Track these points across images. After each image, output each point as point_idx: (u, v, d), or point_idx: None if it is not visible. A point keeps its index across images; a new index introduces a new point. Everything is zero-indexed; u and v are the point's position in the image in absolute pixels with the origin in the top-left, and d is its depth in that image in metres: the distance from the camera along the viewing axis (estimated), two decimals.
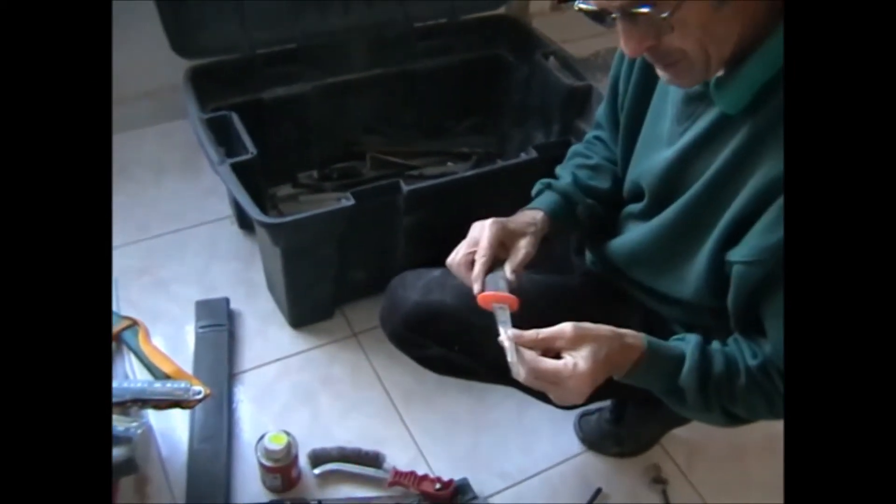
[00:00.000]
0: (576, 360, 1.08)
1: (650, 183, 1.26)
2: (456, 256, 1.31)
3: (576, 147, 1.51)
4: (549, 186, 1.42)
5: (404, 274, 1.50)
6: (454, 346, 1.42)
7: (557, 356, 1.10)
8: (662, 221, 1.23)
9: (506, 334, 1.10)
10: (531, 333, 1.11)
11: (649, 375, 1.16)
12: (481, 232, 1.30)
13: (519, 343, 1.10)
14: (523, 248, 1.31)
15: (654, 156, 1.24)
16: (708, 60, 1.01)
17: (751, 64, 1.02)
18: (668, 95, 1.21)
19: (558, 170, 1.47)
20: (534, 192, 1.44)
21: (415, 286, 1.44)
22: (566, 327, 1.10)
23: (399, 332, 1.46)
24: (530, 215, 1.37)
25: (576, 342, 1.09)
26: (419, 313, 1.41)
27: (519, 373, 1.08)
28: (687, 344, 1.17)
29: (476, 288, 1.24)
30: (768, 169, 1.02)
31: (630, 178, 1.34)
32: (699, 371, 1.14)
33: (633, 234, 1.32)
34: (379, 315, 1.51)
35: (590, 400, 1.58)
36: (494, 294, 1.20)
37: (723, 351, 1.16)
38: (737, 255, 1.08)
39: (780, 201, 1.00)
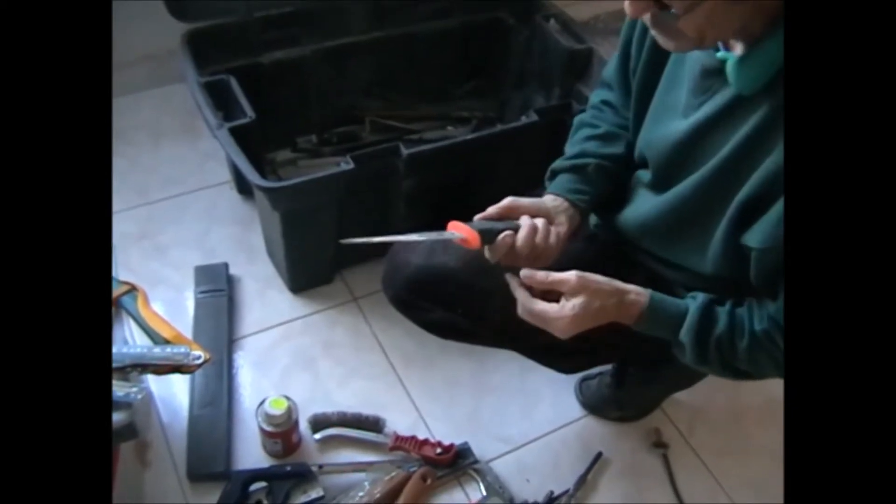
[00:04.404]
0: (564, 306, 1.16)
1: (662, 151, 1.24)
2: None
3: (581, 117, 1.47)
4: (553, 173, 1.40)
5: None
6: (457, 309, 1.41)
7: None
8: (676, 195, 1.22)
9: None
10: (542, 274, 1.18)
11: (650, 329, 1.21)
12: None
13: (529, 281, 1.18)
14: (563, 222, 1.30)
15: (668, 123, 1.23)
16: (703, 41, 1.01)
17: (768, 46, 1.01)
18: (686, 64, 1.19)
19: (567, 146, 1.45)
20: (547, 175, 1.42)
21: (417, 249, 1.43)
22: (571, 275, 1.16)
23: (402, 296, 1.46)
24: (560, 202, 1.34)
25: (576, 290, 1.16)
26: (422, 276, 1.41)
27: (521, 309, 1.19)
28: (693, 301, 1.19)
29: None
30: (781, 151, 1.02)
31: (640, 145, 1.33)
32: (698, 330, 1.17)
33: (645, 206, 1.31)
34: (381, 278, 1.50)
35: (591, 364, 1.59)
36: (459, 224, 1.22)
37: (730, 312, 1.17)
38: (753, 240, 1.08)
39: None
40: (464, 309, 1.41)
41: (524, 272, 1.19)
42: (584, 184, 1.36)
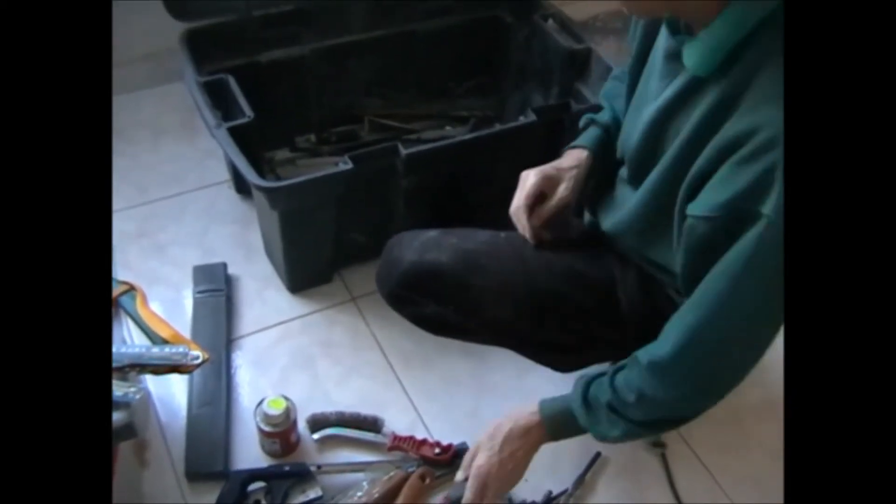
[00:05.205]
0: (476, 463, 1.34)
1: (633, 142, 1.26)
2: (514, 205, 1.43)
3: (606, 85, 1.53)
4: (592, 122, 1.47)
5: (401, 234, 1.51)
6: (449, 305, 1.42)
7: None
8: (646, 188, 1.23)
9: None
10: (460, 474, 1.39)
11: (567, 434, 1.34)
12: (525, 182, 1.43)
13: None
14: (559, 194, 1.42)
15: (641, 112, 1.24)
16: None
17: (716, 26, 1.02)
18: (658, 51, 1.21)
19: (602, 101, 1.49)
20: (581, 124, 1.49)
21: (411, 246, 1.45)
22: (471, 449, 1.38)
23: (395, 291, 1.48)
24: (575, 156, 1.45)
25: (473, 455, 1.35)
26: (415, 272, 1.43)
27: None
28: (575, 389, 1.29)
29: (528, 237, 1.43)
30: (731, 125, 1.02)
31: (620, 138, 1.34)
32: (587, 412, 1.27)
33: (624, 203, 1.32)
34: (375, 276, 1.51)
35: (586, 362, 1.59)
36: None
37: (610, 378, 1.25)
38: (692, 208, 1.09)
39: (735, 157, 1.01)
40: (455, 304, 1.43)
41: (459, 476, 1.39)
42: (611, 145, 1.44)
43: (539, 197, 1.43)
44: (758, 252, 1.00)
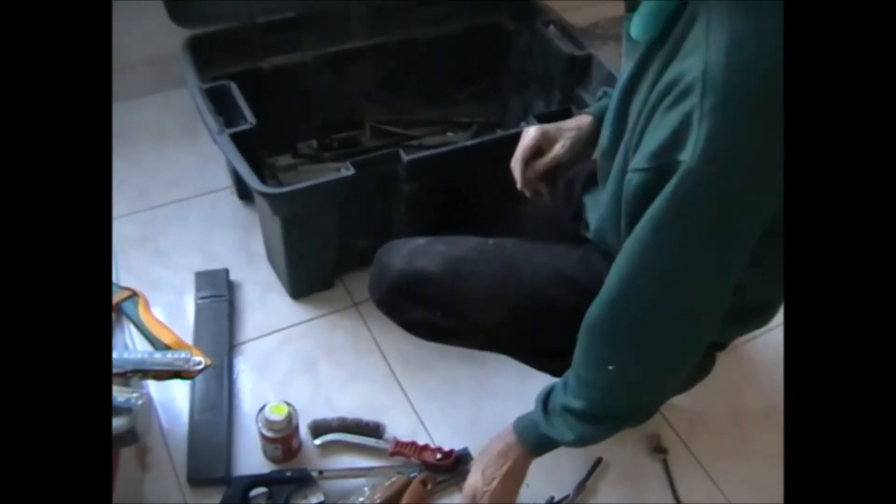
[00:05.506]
0: (465, 485, 1.42)
1: (606, 133, 1.27)
2: (513, 158, 1.49)
3: None
4: (606, 94, 1.52)
5: (391, 242, 1.52)
6: (437, 311, 1.44)
7: None
8: (611, 177, 1.25)
9: None
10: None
11: (544, 445, 1.36)
12: (525, 136, 1.49)
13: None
14: (555, 150, 1.47)
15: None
16: None
17: None
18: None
19: None
20: (598, 95, 1.57)
21: (400, 253, 1.47)
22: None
23: (385, 298, 1.50)
24: (577, 120, 1.51)
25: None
26: (404, 279, 1.45)
27: None
28: (537, 402, 1.34)
29: (518, 184, 1.49)
30: (662, 80, 1.03)
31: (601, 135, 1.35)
32: (544, 411, 1.31)
33: (601, 201, 1.33)
34: (368, 282, 1.53)
35: None
36: None
37: (564, 379, 1.29)
38: (630, 165, 1.10)
39: (660, 108, 1.02)
40: (443, 310, 1.44)
41: None
42: None
43: (538, 152, 1.49)
44: (675, 198, 1.00)
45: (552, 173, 1.50)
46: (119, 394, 1.26)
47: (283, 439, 1.58)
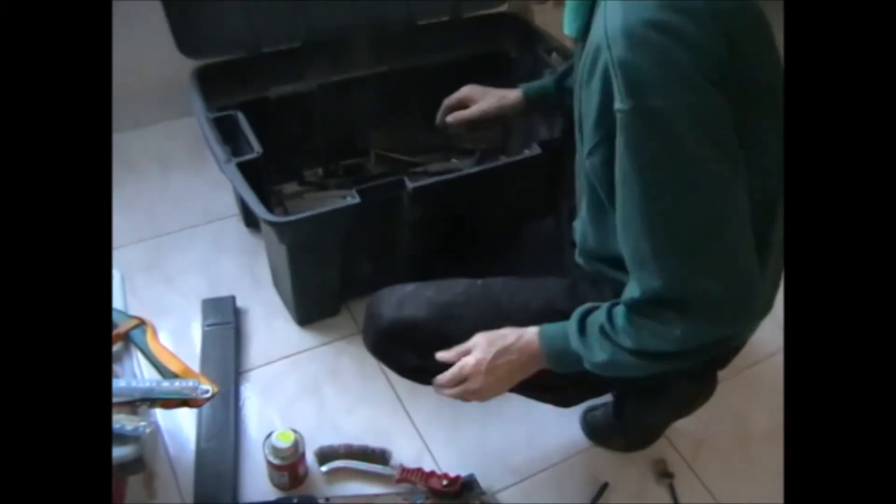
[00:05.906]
0: (467, 358, 1.33)
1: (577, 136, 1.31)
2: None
3: None
4: (552, 73, 1.78)
5: (381, 291, 1.53)
6: (427, 357, 1.43)
7: None
8: (580, 178, 1.30)
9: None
10: (446, 354, 1.36)
11: (560, 358, 1.30)
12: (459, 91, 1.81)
13: (444, 358, 1.36)
14: (478, 105, 1.81)
15: None
16: None
17: None
18: None
19: None
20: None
21: (389, 302, 1.49)
22: (475, 337, 1.35)
23: (376, 347, 1.53)
24: (508, 91, 1.80)
25: (477, 341, 1.34)
26: (393, 328, 1.47)
27: (443, 393, 1.37)
28: (573, 317, 1.28)
29: (436, 120, 1.85)
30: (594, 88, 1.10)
31: None
32: (579, 326, 1.26)
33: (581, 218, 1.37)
34: (361, 330, 1.55)
35: (582, 397, 1.61)
36: None
37: (608, 305, 1.24)
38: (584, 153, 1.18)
39: (587, 81, 1.11)
40: (432, 356, 1.43)
41: (439, 354, 1.36)
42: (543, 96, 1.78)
43: (462, 105, 1.83)
44: (630, 142, 1.05)
45: (471, 124, 1.82)
46: (127, 422, 1.27)
47: (289, 466, 1.59)
